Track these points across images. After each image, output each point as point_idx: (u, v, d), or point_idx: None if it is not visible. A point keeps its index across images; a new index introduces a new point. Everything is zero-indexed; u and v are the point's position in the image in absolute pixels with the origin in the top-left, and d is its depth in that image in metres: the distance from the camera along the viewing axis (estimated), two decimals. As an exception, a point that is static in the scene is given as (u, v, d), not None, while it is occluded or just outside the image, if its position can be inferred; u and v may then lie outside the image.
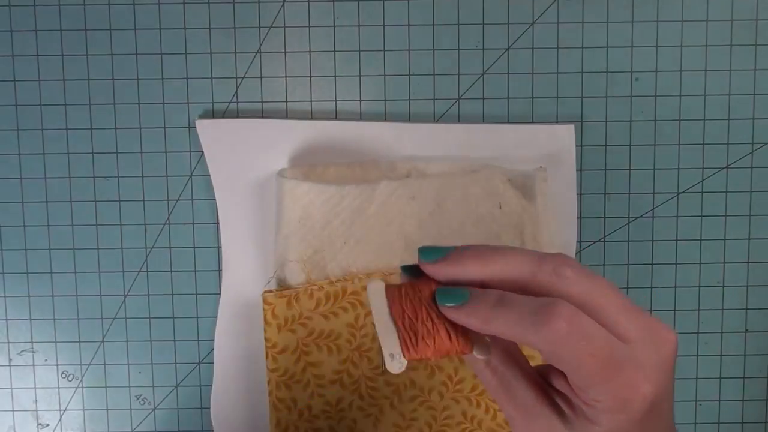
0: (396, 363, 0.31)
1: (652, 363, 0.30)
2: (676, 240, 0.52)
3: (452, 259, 0.30)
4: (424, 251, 0.31)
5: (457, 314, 0.30)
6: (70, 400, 0.53)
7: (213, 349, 0.52)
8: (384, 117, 0.52)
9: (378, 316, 0.32)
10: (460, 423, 0.50)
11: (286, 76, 0.51)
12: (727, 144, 0.52)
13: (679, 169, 0.52)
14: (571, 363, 0.28)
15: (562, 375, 0.31)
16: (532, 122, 0.51)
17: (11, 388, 0.53)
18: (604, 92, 0.52)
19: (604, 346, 0.29)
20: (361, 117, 0.52)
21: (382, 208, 0.49)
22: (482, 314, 0.29)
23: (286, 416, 0.49)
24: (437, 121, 0.52)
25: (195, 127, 0.51)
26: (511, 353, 0.32)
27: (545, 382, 0.32)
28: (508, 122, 0.51)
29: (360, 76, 0.51)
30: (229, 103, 0.52)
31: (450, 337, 0.30)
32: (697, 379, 0.53)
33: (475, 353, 0.31)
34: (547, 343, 0.28)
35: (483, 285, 0.30)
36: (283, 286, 0.49)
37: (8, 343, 0.53)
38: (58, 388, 0.53)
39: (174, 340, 0.53)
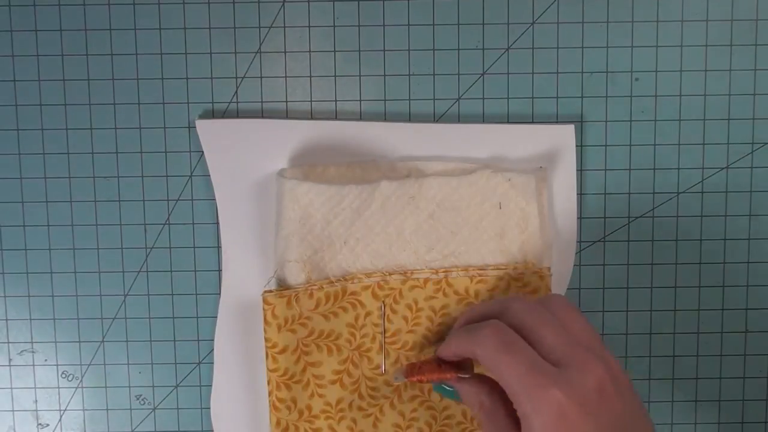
0: (399, 379, 0.45)
1: (570, 379, 0.34)
2: (676, 240, 0.52)
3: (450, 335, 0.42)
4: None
5: (440, 350, 0.42)
6: (70, 400, 0.53)
7: (213, 349, 0.52)
8: (384, 117, 0.52)
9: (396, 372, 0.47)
10: (460, 423, 0.50)
11: (286, 76, 0.51)
12: (727, 144, 0.52)
13: (679, 169, 0.52)
14: (493, 366, 0.35)
15: None
16: (532, 122, 0.51)
17: (11, 388, 0.53)
18: (604, 92, 0.52)
19: (523, 356, 0.35)
20: (361, 117, 0.52)
21: (382, 208, 0.49)
22: (449, 341, 0.40)
23: (286, 416, 0.49)
24: (437, 121, 0.52)
25: (195, 127, 0.51)
26: (498, 395, 0.39)
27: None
28: (508, 122, 0.51)
29: (360, 76, 0.51)
30: (229, 103, 0.52)
31: (439, 366, 0.42)
32: (697, 379, 0.53)
33: (459, 375, 0.42)
34: (477, 348, 0.36)
35: None
36: (283, 286, 0.49)
37: (8, 343, 0.53)
38: (58, 388, 0.53)
39: (174, 340, 0.53)
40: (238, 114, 0.52)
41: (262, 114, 0.52)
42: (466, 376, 0.41)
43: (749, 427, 0.54)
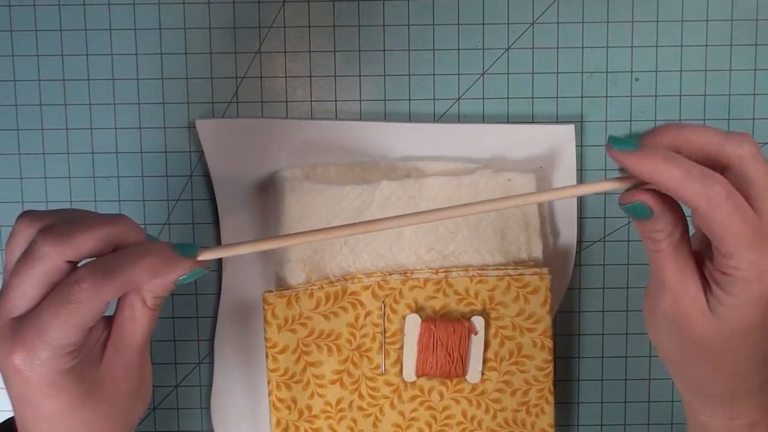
0: (409, 376, 0.45)
1: None
2: (676, 240, 0.52)
3: (649, 136, 0.34)
4: (615, 140, 0.34)
5: (626, 159, 0.33)
6: (70, 400, 0.53)
7: (213, 349, 0.52)
8: (384, 117, 0.52)
9: (408, 340, 0.46)
10: (460, 423, 0.50)
11: (286, 76, 0.51)
12: (727, 144, 0.52)
13: (679, 169, 0.52)
14: (724, 225, 0.33)
15: (708, 256, 0.36)
16: (532, 122, 0.51)
17: (11, 388, 0.53)
18: (604, 92, 0.52)
19: (753, 217, 0.33)
20: (361, 117, 0.52)
21: (382, 208, 0.49)
22: (652, 164, 0.33)
23: (286, 416, 0.49)
24: (437, 121, 0.52)
25: (195, 127, 0.51)
26: (685, 235, 0.36)
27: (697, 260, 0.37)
28: (508, 122, 0.51)
29: (360, 76, 0.51)
30: (229, 103, 0.52)
31: (452, 362, 0.41)
32: (697, 379, 0.53)
33: (467, 378, 0.43)
34: (707, 202, 0.32)
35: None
36: (283, 286, 0.49)
37: (8, 343, 0.53)
38: (58, 388, 0.53)
39: (174, 340, 0.53)
40: (238, 114, 0.52)
41: (262, 114, 0.52)
42: (474, 383, 0.40)
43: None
